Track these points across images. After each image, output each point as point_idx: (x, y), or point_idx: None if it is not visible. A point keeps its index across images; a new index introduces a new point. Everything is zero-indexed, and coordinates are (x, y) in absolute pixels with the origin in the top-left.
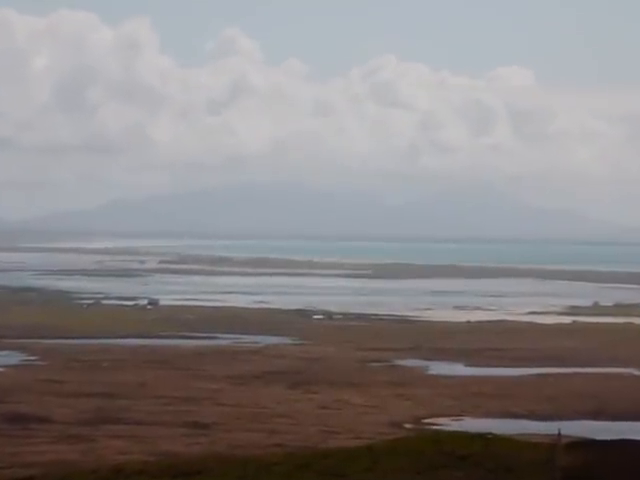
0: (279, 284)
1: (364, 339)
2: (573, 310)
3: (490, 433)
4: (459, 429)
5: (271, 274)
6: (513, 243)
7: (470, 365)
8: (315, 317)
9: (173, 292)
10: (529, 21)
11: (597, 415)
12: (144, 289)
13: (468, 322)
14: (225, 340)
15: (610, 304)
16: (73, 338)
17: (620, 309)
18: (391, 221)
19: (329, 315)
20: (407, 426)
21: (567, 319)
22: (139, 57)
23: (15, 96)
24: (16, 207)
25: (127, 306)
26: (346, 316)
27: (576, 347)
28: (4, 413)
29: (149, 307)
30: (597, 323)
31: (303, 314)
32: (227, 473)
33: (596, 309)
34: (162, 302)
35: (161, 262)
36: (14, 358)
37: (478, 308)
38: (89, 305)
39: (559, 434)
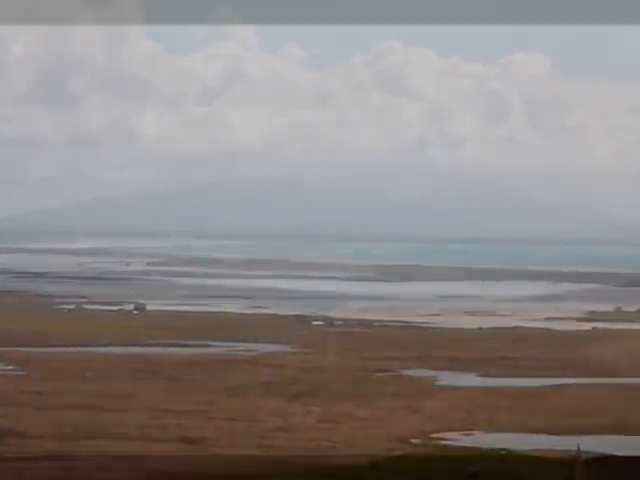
0: (276, 288)
1: (367, 347)
2: (593, 316)
3: (504, 449)
4: (470, 444)
5: (267, 277)
6: (525, 243)
7: (482, 375)
8: (315, 323)
9: (162, 296)
10: (546, 3)
11: (619, 429)
12: (130, 293)
13: (480, 329)
14: (218, 348)
15: (633, 309)
16: (53, 346)
17: None
18: (396, 219)
19: (330, 321)
20: (414, 441)
21: (587, 325)
22: (125, 42)
23: None
24: None
25: (112, 311)
26: (348, 322)
27: (597, 356)
28: None
29: (135, 312)
30: (619, 330)
31: (302, 320)
32: None
33: (618, 315)
34: (150, 307)
35: (149, 264)
36: None
37: (491, 313)
38: (70, 310)
39: (578, 450)
